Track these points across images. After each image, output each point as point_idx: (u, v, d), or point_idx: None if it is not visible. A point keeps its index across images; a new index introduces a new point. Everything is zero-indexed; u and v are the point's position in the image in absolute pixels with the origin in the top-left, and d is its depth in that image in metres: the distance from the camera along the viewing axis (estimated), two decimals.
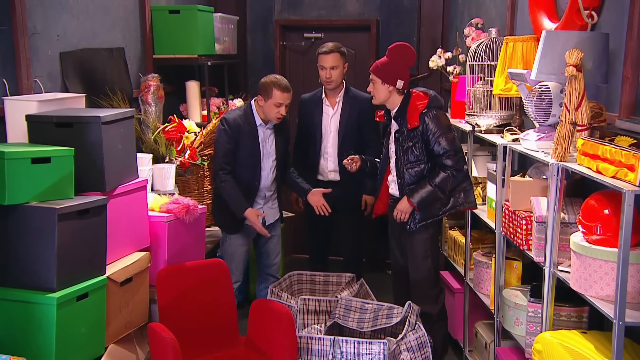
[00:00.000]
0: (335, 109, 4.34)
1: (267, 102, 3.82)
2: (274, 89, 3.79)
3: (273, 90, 3.79)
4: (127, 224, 3.20)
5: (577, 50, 2.62)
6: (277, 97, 3.79)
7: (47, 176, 2.74)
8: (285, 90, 3.81)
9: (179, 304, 3.32)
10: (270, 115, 3.85)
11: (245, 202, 3.85)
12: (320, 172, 4.39)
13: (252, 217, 3.84)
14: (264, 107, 3.85)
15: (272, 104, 3.81)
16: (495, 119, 3.67)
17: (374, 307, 3.59)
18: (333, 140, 4.33)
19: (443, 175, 3.62)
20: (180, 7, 4.70)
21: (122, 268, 3.08)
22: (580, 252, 2.49)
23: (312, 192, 4.08)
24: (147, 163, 3.84)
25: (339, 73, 4.28)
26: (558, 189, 2.69)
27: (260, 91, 3.84)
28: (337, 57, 4.26)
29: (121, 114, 3.15)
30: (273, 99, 3.80)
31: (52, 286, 2.66)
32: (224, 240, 4.05)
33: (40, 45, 3.39)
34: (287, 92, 3.82)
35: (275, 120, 3.88)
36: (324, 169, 4.39)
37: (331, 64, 4.25)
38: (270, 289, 3.90)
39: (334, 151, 4.33)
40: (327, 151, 4.34)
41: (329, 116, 4.34)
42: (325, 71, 4.25)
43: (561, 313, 2.88)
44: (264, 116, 3.90)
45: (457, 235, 4.27)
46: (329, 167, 4.37)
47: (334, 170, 4.36)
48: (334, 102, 4.35)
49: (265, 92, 3.82)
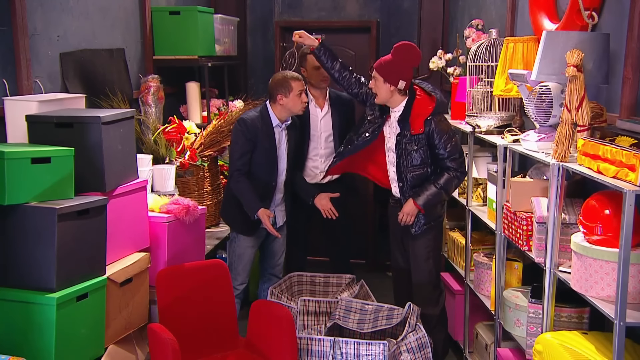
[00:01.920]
0: (324, 110, 4.28)
1: (290, 95, 3.83)
2: (291, 81, 3.84)
3: (291, 83, 3.83)
4: (127, 224, 3.20)
5: (578, 50, 2.62)
6: (298, 86, 3.84)
7: (47, 176, 2.74)
8: (300, 79, 3.89)
9: (179, 305, 3.32)
10: (296, 107, 3.86)
11: (259, 203, 3.84)
12: (306, 173, 4.28)
13: (264, 217, 3.83)
14: (288, 102, 3.85)
15: (294, 95, 3.83)
16: (496, 120, 3.67)
17: (374, 308, 3.59)
18: (326, 142, 4.27)
19: (447, 177, 3.62)
20: (180, 8, 4.71)
21: (122, 269, 3.08)
22: (581, 252, 2.49)
23: (320, 197, 4.09)
24: (147, 164, 3.85)
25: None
26: (559, 190, 2.69)
27: (278, 90, 3.83)
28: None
29: (121, 114, 3.15)
30: (294, 90, 3.82)
31: (51, 286, 2.66)
32: (233, 240, 4.03)
33: (40, 46, 3.40)
34: (301, 80, 3.89)
35: (301, 110, 3.89)
36: (313, 170, 4.28)
37: None
38: (270, 290, 3.90)
39: (326, 152, 4.26)
40: (319, 152, 4.27)
41: (319, 117, 4.27)
42: (321, 70, 4.23)
43: (562, 314, 2.88)
44: (284, 115, 3.89)
45: (458, 236, 4.27)
46: (319, 167, 4.28)
47: (324, 171, 4.25)
48: (322, 103, 4.28)
49: (284, 87, 3.83)
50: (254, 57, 5.90)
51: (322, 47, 3.90)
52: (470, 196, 3.93)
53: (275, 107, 3.89)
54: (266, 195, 3.92)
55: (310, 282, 4.18)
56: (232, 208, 3.96)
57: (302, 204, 4.18)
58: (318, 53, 3.91)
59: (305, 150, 4.28)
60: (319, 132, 4.27)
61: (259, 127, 3.84)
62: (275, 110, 3.89)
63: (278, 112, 3.89)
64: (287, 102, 3.84)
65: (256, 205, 3.82)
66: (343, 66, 3.93)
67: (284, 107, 3.86)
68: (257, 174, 3.87)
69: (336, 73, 3.92)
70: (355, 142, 3.83)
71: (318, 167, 4.29)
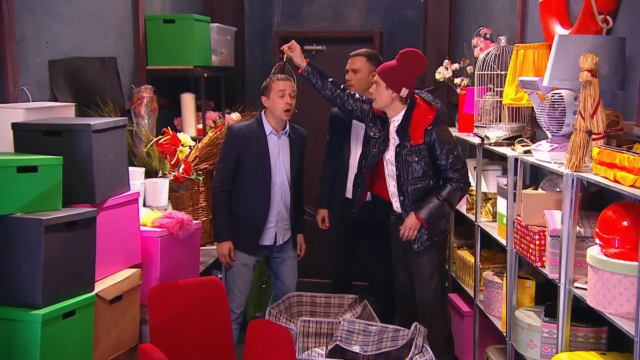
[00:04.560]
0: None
1: (271, 96, 3.84)
2: (272, 80, 3.87)
3: (271, 82, 3.86)
4: (118, 238, 3.17)
5: (592, 54, 2.62)
6: (278, 85, 3.83)
7: (33, 186, 2.72)
8: (283, 78, 3.88)
9: (172, 325, 3.28)
10: (277, 109, 3.84)
11: (227, 232, 3.87)
12: (349, 188, 4.29)
13: (222, 250, 3.88)
14: (270, 105, 3.86)
15: (275, 95, 3.83)
16: (506, 130, 3.66)
17: (378, 329, 3.56)
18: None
19: (450, 188, 3.61)
20: (175, 17, 4.73)
21: (112, 285, 3.05)
22: (598, 266, 2.46)
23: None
24: (139, 177, 3.83)
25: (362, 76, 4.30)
26: (573, 201, 2.67)
27: (263, 92, 3.90)
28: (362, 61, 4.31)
29: (113, 122, 3.14)
30: (274, 90, 3.83)
31: (37, 302, 2.62)
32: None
33: (28, 52, 3.40)
34: (286, 79, 3.88)
35: (284, 114, 3.85)
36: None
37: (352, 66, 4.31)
38: (268, 311, 3.87)
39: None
40: (356, 165, 4.24)
41: (360, 128, 4.26)
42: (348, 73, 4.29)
43: (578, 334, 2.84)
44: (275, 121, 3.89)
45: (466, 254, 4.24)
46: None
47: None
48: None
49: (266, 89, 3.87)
50: (252, 68, 5.91)
51: (310, 67, 3.93)
52: (479, 212, 3.90)
53: (266, 113, 3.92)
54: (259, 213, 3.90)
55: (310, 302, 4.14)
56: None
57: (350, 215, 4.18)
58: (307, 75, 3.94)
59: (346, 165, 4.31)
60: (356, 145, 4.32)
61: (247, 133, 3.86)
62: (267, 117, 3.91)
63: (269, 119, 3.90)
64: (269, 104, 3.86)
65: (223, 232, 3.87)
66: (334, 84, 3.95)
67: (270, 113, 3.88)
68: (249, 187, 3.87)
69: (328, 92, 3.94)
70: (368, 158, 3.86)
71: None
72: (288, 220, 4.03)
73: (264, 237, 3.95)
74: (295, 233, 4.12)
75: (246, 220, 3.90)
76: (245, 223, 3.90)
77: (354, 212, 4.01)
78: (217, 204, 3.88)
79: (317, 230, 4.57)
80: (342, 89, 3.95)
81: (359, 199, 3.95)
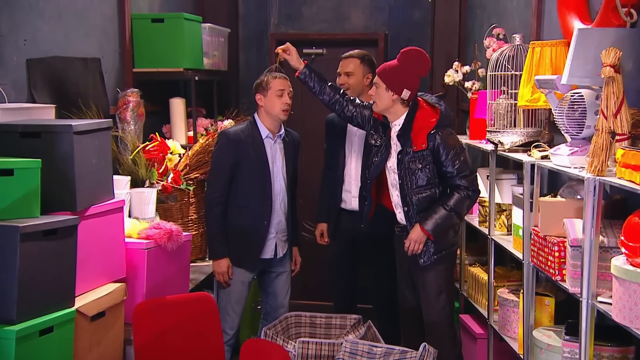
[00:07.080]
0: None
1: (268, 95, 3.84)
2: (270, 78, 3.86)
3: (269, 80, 3.85)
4: (101, 250, 3.15)
5: (615, 48, 2.61)
6: (277, 84, 3.83)
7: (9, 191, 2.70)
8: (282, 78, 3.88)
9: (159, 344, 3.26)
10: (275, 109, 3.84)
11: (225, 248, 3.84)
12: (344, 199, 4.34)
13: (219, 268, 3.85)
14: (267, 104, 3.85)
15: (272, 95, 3.83)
16: (521, 136, 3.65)
17: (384, 350, 3.52)
18: (356, 162, 4.28)
19: (458, 197, 3.59)
20: (164, 16, 4.72)
21: (94, 300, 3.02)
22: (624, 277, 2.44)
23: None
24: (125, 186, 3.81)
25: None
26: (595, 208, 2.65)
27: (257, 89, 3.89)
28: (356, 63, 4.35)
29: (96, 124, 3.14)
30: (272, 89, 3.83)
31: (11, 317, 2.60)
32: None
33: (4, 50, 3.39)
34: (285, 78, 3.88)
35: (282, 114, 3.85)
36: (348, 196, 4.33)
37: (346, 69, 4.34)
38: (263, 331, 3.83)
39: (357, 173, 4.26)
40: (351, 174, 4.28)
41: (353, 135, 4.29)
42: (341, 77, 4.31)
43: (603, 353, 2.82)
44: (271, 123, 3.89)
45: (479, 272, 4.21)
46: (352, 192, 4.30)
47: (356, 196, 4.24)
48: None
49: (262, 87, 3.87)
50: (246, 73, 5.90)
51: (308, 70, 3.94)
52: (492, 224, 3.88)
53: (261, 114, 3.91)
54: (260, 224, 3.87)
55: (310, 323, 4.10)
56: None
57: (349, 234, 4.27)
58: (304, 78, 3.94)
59: (341, 173, 4.32)
60: (352, 151, 4.33)
61: (243, 138, 3.84)
62: (261, 118, 3.90)
63: (264, 120, 3.89)
64: (265, 103, 3.85)
65: (219, 249, 3.84)
66: (333, 89, 3.96)
67: (266, 113, 3.86)
68: (248, 196, 3.84)
69: (326, 97, 3.95)
70: (371, 168, 3.85)
71: (352, 191, 4.32)
72: (286, 231, 4.01)
73: (265, 250, 3.93)
74: (291, 246, 4.10)
75: (245, 233, 3.87)
76: (243, 236, 3.88)
77: (363, 227, 3.99)
78: (214, 217, 3.84)
79: (316, 248, 4.55)
80: (341, 94, 3.96)
81: (367, 212, 3.93)
